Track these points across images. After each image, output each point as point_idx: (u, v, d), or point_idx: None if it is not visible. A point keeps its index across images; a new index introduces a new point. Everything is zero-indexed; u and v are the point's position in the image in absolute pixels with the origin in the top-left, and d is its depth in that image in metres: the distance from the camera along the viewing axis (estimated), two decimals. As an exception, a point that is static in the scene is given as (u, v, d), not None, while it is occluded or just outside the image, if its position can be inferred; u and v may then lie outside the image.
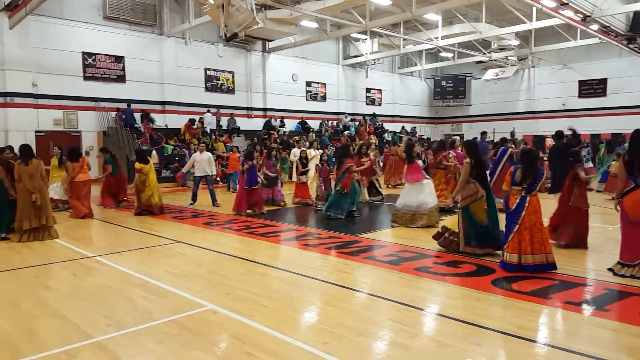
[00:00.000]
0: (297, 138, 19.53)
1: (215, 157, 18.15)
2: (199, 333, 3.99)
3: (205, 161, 11.75)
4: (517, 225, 5.55)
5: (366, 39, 26.76)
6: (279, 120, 24.52)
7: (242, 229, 8.92)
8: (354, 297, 4.97)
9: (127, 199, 12.27)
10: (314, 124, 26.11)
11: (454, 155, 10.56)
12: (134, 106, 19.64)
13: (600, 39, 21.68)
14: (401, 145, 13.29)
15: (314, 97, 27.74)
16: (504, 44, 25.88)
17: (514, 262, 5.55)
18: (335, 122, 27.63)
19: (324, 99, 28.25)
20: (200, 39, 22.38)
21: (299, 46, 24.55)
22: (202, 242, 7.74)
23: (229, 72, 23.67)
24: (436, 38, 23.23)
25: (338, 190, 9.65)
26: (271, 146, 14.77)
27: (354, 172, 9.89)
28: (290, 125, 25.40)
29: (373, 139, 25.04)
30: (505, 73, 29.04)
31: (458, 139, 15.19)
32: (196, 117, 21.04)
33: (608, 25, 20.07)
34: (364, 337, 3.87)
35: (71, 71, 18.61)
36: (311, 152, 14.58)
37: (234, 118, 23.04)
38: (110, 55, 19.64)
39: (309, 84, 27.34)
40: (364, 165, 10.92)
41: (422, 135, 30.41)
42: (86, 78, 19.07)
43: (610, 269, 5.57)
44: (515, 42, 25.99)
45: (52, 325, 4.21)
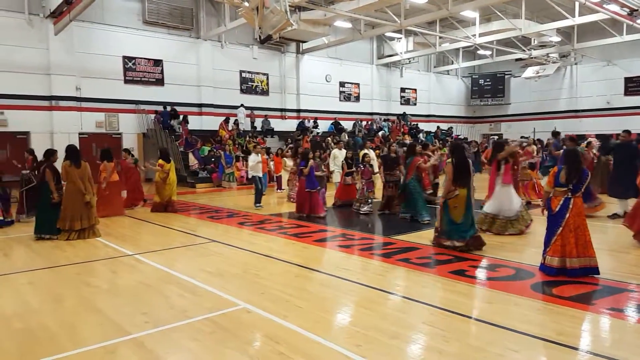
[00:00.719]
0: (337, 139, 19.54)
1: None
2: (233, 331, 4.03)
3: (258, 163, 11.86)
4: (561, 228, 5.36)
5: (401, 37, 26.48)
6: (312, 121, 24.59)
7: (276, 229, 8.98)
8: (387, 299, 4.91)
9: (145, 200, 12.45)
10: (347, 125, 26.06)
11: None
12: (169, 108, 20.10)
13: (648, 34, 20.73)
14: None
15: (347, 98, 27.67)
16: (545, 41, 25.04)
17: (555, 266, 5.36)
18: (368, 122, 27.48)
19: (357, 99, 28.14)
20: (236, 42, 22.71)
21: (332, 47, 24.55)
22: (236, 241, 7.83)
23: (264, 74, 23.91)
24: (473, 36, 22.74)
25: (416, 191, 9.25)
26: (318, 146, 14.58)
27: (423, 169, 9.81)
28: (324, 126, 25.44)
29: (407, 139, 24.77)
30: (546, 70, 28.14)
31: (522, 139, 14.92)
32: (231, 118, 21.37)
33: (657, 19, 19.16)
34: (398, 340, 3.82)
35: (112, 75, 19.23)
36: (335, 152, 14.37)
37: (268, 119, 23.27)
38: (149, 59, 20.19)
39: (342, 84, 27.30)
40: (431, 162, 10.51)
41: (458, 135, 29.87)
42: (126, 81, 19.66)
43: None
44: (557, 39, 25.13)
45: (92, 321, 4.35)
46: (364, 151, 13.23)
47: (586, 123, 28.48)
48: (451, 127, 31.25)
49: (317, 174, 10.84)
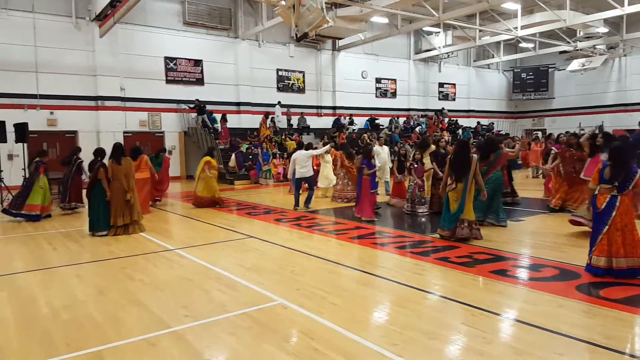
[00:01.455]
0: (375, 134, 19.37)
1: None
2: (270, 327, 4.07)
3: (306, 160, 11.24)
4: (607, 226, 5.13)
5: (439, 32, 26.02)
6: (348, 118, 24.52)
7: (312, 225, 9.02)
8: (425, 298, 4.83)
9: (160, 199, 12.67)
10: (383, 121, 25.84)
11: (557, 151, 9.93)
12: (211, 107, 20.51)
13: None
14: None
15: (383, 94, 27.43)
16: (591, 32, 24.02)
17: (602, 266, 5.13)
18: (405, 118, 27.15)
19: (394, 95, 27.85)
20: (273, 41, 22.92)
21: (368, 43, 24.39)
22: (273, 237, 7.91)
23: (300, 72, 24.03)
24: (515, 28, 22.06)
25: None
26: (369, 144, 13.69)
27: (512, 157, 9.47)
28: (359, 122, 25.33)
29: (445, 135, 24.33)
30: (592, 63, 26.99)
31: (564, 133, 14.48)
32: (270, 116, 21.58)
33: None
34: (436, 340, 3.75)
35: (155, 75, 19.81)
36: (377, 149, 14.10)
37: (304, 117, 23.37)
38: (189, 59, 20.66)
39: (378, 80, 27.08)
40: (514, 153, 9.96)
41: (499, 131, 29.09)
42: (168, 81, 20.21)
43: None
44: (604, 30, 24.05)
45: (135, 314, 4.49)
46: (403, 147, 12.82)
47: (636, 117, 27.14)
48: (492, 122, 30.45)
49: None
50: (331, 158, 12.89)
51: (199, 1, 20.55)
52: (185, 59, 20.56)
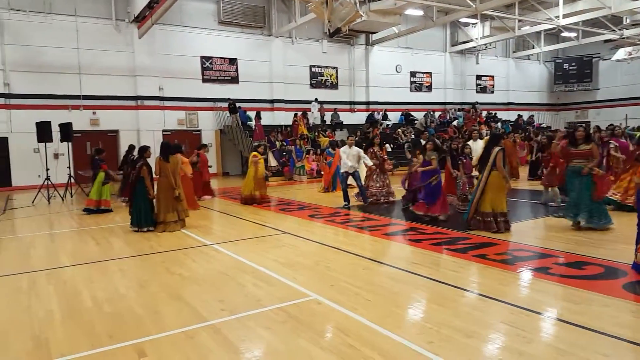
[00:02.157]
0: (420, 129, 19.01)
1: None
2: (304, 322, 4.09)
3: (355, 156, 10.70)
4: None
5: (476, 23, 25.39)
6: (381, 113, 24.31)
7: (346, 222, 9.00)
8: (462, 296, 4.73)
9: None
10: (418, 116, 25.48)
11: (616, 145, 9.54)
12: (246, 105, 20.76)
13: None
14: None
15: (418, 88, 27.03)
16: (638, 19, 22.88)
17: (651, 264, 4.89)
18: (440, 112, 26.68)
19: (429, 89, 27.40)
20: (306, 37, 22.95)
21: (403, 36, 24.06)
22: (307, 233, 7.94)
23: (333, 68, 23.98)
24: (557, 17, 21.26)
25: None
26: (418, 139, 12.90)
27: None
28: (394, 117, 25.07)
29: (483, 129, 23.77)
30: (640, 52, 25.75)
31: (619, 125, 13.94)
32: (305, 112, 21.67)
33: None
34: (473, 339, 3.67)
35: (191, 74, 20.21)
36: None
37: (337, 113, 23.32)
38: (225, 58, 20.97)
39: (413, 74, 26.69)
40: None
41: (540, 124, 28.18)
42: (204, 80, 20.58)
43: None
44: (653, 16, 22.86)
45: (173, 307, 4.60)
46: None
47: (689, 107, 25.79)
48: (532, 115, 29.51)
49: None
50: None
51: (233, 0, 20.80)
52: (221, 57, 20.87)
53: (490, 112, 28.01)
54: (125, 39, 18.67)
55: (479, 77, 29.44)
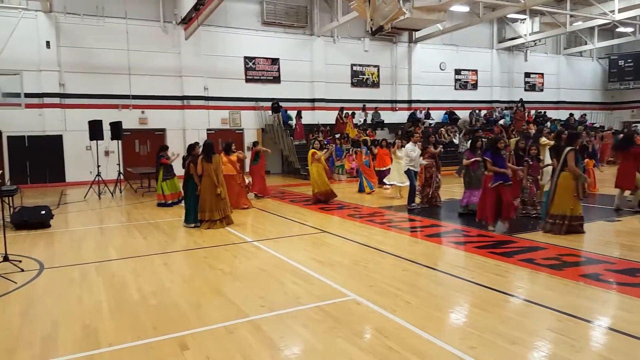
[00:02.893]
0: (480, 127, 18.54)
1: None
2: (343, 322, 4.07)
3: (418, 153, 10.29)
4: None
5: (525, 18, 24.53)
6: (424, 111, 23.90)
7: (385, 222, 8.91)
8: (507, 301, 4.58)
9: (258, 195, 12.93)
10: (462, 115, 24.88)
11: None
12: (287, 104, 20.93)
13: None
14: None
15: (463, 86, 26.41)
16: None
17: None
18: (486, 111, 25.95)
19: (474, 87, 26.71)
20: (348, 36, 22.88)
21: (447, 33, 23.54)
22: (346, 233, 7.92)
23: (374, 66, 23.79)
24: (612, 12, 20.25)
25: None
26: (476, 135, 12.22)
27: None
28: (437, 116, 24.61)
29: (532, 128, 22.93)
30: None
31: None
32: (346, 111, 21.60)
33: None
34: (518, 345, 3.55)
35: (235, 75, 20.58)
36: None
37: (378, 112, 23.13)
38: (267, 58, 21.22)
39: (458, 72, 26.10)
40: None
41: (593, 124, 26.94)
42: (247, 80, 20.90)
43: None
44: None
45: (215, 302, 4.70)
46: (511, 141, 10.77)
47: None
48: (584, 114, 28.24)
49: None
50: (403, 154, 12.21)
51: (276, 1, 21.01)
52: (263, 58, 21.13)
53: (540, 110, 27.00)
54: (173, 40, 19.22)
55: (527, 75, 28.45)
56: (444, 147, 20.04)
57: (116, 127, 14.48)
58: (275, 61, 21.37)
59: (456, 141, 21.95)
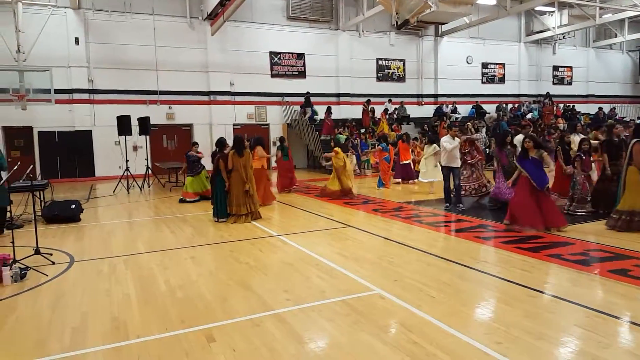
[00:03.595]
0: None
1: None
2: (367, 316, 4.10)
3: (457, 149, 9.34)
4: None
5: (553, 11, 23.95)
6: (450, 106, 23.61)
7: (410, 216, 8.87)
8: (533, 297, 4.53)
9: (295, 186, 13.25)
10: (489, 109, 24.48)
11: None
12: (312, 99, 20.93)
13: None
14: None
15: (490, 80, 25.96)
16: None
17: None
18: (512, 105, 25.46)
19: (502, 80, 26.24)
20: (373, 30, 22.75)
21: (474, 26, 23.19)
22: (371, 227, 7.93)
23: (400, 60, 23.60)
24: (645, 2, 19.59)
25: None
26: (507, 130, 11.90)
27: None
28: (463, 110, 24.27)
29: (560, 122, 22.45)
30: None
31: None
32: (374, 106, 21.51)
33: None
34: (544, 341, 3.51)
35: (261, 70, 20.72)
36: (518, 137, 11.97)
37: (404, 106, 22.95)
38: (292, 53, 21.29)
39: (485, 65, 25.68)
40: None
41: (623, 117, 26.14)
42: (273, 75, 21.02)
43: None
44: None
45: (241, 295, 4.78)
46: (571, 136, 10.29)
47: None
48: (614, 107, 27.42)
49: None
50: (431, 150, 12.05)
51: (301, -5, 21.04)
52: (289, 53, 21.21)
53: (568, 104, 26.36)
54: (199, 36, 19.46)
55: (555, 68, 27.79)
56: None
57: (144, 122, 14.77)
58: (300, 56, 21.42)
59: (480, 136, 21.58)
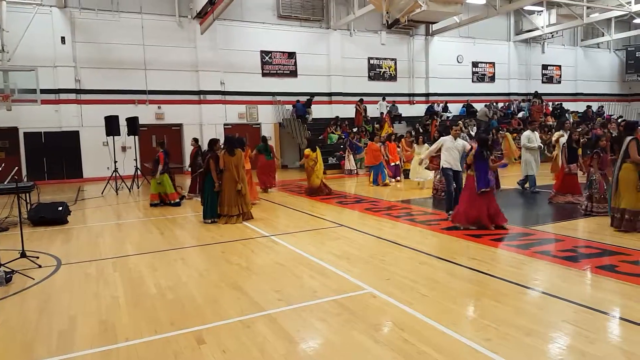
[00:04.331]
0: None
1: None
2: (359, 315, 4.10)
3: (460, 150, 8.36)
4: None
5: (542, 10, 24.16)
6: (441, 105, 23.72)
7: (403, 215, 8.90)
8: (523, 293, 4.56)
9: (273, 186, 13.15)
10: (480, 107, 24.63)
11: None
12: (304, 98, 20.96)
13: None
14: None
15: (480, 79, 26.13)
16: None
17: None
18: (503, 104, 25.66)
19: (492, 79, 26.42)
20: (364, 29, 22.78)
21: (464, 25, 23.32)
22: (363, 227, 7.94)
23: (391, 60, 23.66)
24: (628, 3, 19.83)
25: None
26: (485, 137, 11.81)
27: None
28: (454, 109, 24.41)
29: (550, 120, 22.65)
30: None
31: None
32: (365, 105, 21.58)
33: None
34: (533, 337, 3.54)
35: (251, 69, 20.65)
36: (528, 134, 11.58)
37: (396, 105, 23.02)
38: (283, 52, 21.25)
39: (475, 64, 25.83)
40: None
41: (611, 115, 26.44)
42: (264, 74, 20.97)
43: None
44: None
45: (231, 296, 4.76)
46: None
47: None
48: (602, 106, 27.74)
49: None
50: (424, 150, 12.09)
51: (291, -6, 21.01)
52: (280, 51, 21.16)
53: (557, 103, 26.61)
54: (188, 35, 19.34)
55: (545, 67, 28.05)
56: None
57: (133, 122, 14.64)
58: (291, 55, 21.39)
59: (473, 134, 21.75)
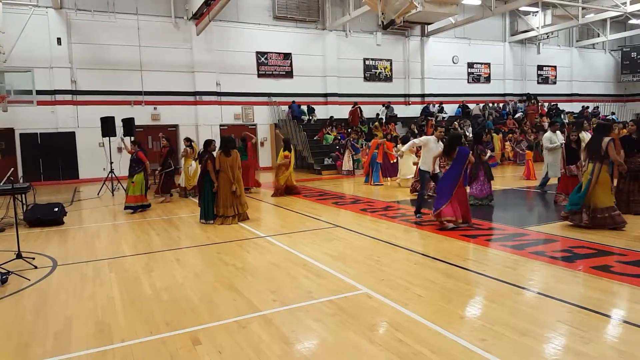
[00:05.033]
0: (553, 119, 18.35)
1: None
2: (354, 315, 4.11)
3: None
4: None
5: (537, 11, 24.26)
6: (437, 105, 23.78)
7: (398, 216, 8.91)
8: (517, 294, 4.58)
9: (252, 188, 13.11)
10: (474, 108, 24.74)
11: None
12: (299, 99, 20.97)
13: None
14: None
15: (476, 79, 26.21)
16: None
17: None
18: (498, 104, 25.74)
19: (487, 80, 26.51)
20: (360, 30, 22.81)
21: (460, 26, 23.38)
22: (359, 227, 7.94)
23: (387, 60, 23.71)
24: (624, 3, 19.92)
25: None
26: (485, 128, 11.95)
27: None
28: (450, 110, 24.48)
29: (545, 121, 22.74)
30: None
31: None
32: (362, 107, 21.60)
33: None
34: (528, 337, 3.55)
35: (247, 70, 20.64)
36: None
37: (392, 106, 23.06)
38: (279, 53, 21.25)
39: (471, 65, 25.91)
40: None
41: (606, 116, 26.59)
42: (260, 75, 20.96)
43: None
44: None
45: (227, 297, 4.76)
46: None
47: None
48: (597, 106, 27.89)
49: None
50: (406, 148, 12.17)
51: (287, -5, 21.02)
52: (275, 52, 21.17)
53: (552, 103, 26.73)
54: (184, 36, 19.32)
55: (540, 68, 28.16)
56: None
57: (129, 123, 14.59)
58: (287, 56, 21.39)
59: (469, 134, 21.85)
